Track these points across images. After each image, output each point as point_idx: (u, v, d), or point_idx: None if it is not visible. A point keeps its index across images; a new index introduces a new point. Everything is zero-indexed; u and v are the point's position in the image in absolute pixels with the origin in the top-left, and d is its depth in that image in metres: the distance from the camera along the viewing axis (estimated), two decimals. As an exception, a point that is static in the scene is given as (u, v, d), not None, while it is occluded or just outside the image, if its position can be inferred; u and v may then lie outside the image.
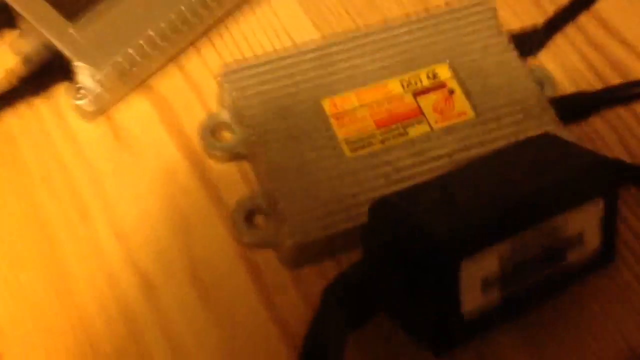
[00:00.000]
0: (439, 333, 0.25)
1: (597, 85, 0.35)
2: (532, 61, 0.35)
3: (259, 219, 0.30)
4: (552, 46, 0.36)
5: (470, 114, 0.31)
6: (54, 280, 0.29)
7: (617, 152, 0.33)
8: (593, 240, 0.27)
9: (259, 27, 0.35)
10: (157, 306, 0.29)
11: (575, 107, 0.32)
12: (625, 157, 0.33)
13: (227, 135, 0.32)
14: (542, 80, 0.34)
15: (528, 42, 0.34)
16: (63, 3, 0.32)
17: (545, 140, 0.28)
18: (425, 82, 0.32)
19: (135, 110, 0.33)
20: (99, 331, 0.28)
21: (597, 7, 0.37)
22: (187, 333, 0.28)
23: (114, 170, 0.31)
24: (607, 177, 0.26)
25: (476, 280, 0.25)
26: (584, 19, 0.37)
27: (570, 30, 0.36)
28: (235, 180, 0.31)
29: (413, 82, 0.32)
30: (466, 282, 0.24)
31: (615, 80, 0.35)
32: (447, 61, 0.32)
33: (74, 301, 0.29)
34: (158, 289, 0.29)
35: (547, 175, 0.26)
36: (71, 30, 0.31)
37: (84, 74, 0.31)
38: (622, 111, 0.34)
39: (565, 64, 0.35)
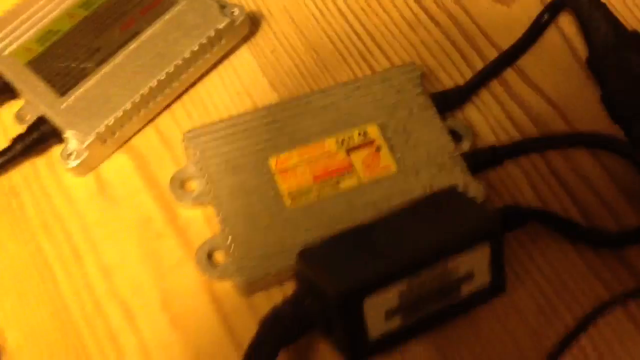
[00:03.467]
0: (351, 353, 0.31)
1: (516, 136, 0.40)
2: (459, 115, 0.41)
3: (219, 255, 0.36)
4: (477, 100, 0.41)
5: (394, 168, 0.37)
6: (55, 310, 0.36)
7: (527, 195, 0.39)
8: (483, 276, 0.33)
9: (223, 88, 0.42)
10: (135, 328, 0.35)
11: (486, 160, 0.38)
12: (534, 200, 0.39)
13: (194, 184, 0.38)
14: (462, 134, 0.39)
15: (449, 100, 0.40)
16: (55, 80, 0.38)
17: (448, 194, 0.34)
18: (357, 140, 0.38)
19: (118, 167, 0.39)
20: (90, 351, 0.35)
21: (520, 63, 0.43)
22: (159, 350, 0.35)
23: (99, 220, 0.38)
24: (491, 228, 0.32)
25: (380, 312, 0.31)
26: (507, 74, 0.42)
27: (494, 84, 0.42)
28: (201, 224, 0.38)
29: (347, 140, 0.38)
30: (370, 315, 0.31)
31: (532, 130, 0.40)
32: (377, 121, 0.38)
33: (71, 326, 0.36)
34: (136, 315, 0.36)
35: (441, 228, 0.32)
36: (61, 104, 0.38)
37: (72, 141, 0.37)
38: (535, 157, 0.40)
39: (488, 117, 0.41)
